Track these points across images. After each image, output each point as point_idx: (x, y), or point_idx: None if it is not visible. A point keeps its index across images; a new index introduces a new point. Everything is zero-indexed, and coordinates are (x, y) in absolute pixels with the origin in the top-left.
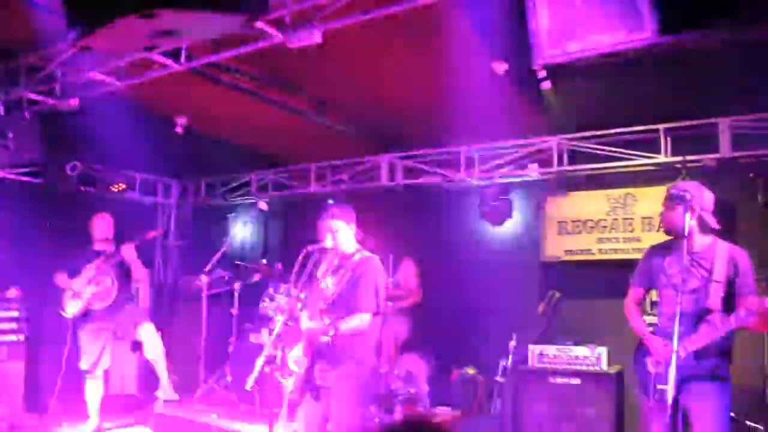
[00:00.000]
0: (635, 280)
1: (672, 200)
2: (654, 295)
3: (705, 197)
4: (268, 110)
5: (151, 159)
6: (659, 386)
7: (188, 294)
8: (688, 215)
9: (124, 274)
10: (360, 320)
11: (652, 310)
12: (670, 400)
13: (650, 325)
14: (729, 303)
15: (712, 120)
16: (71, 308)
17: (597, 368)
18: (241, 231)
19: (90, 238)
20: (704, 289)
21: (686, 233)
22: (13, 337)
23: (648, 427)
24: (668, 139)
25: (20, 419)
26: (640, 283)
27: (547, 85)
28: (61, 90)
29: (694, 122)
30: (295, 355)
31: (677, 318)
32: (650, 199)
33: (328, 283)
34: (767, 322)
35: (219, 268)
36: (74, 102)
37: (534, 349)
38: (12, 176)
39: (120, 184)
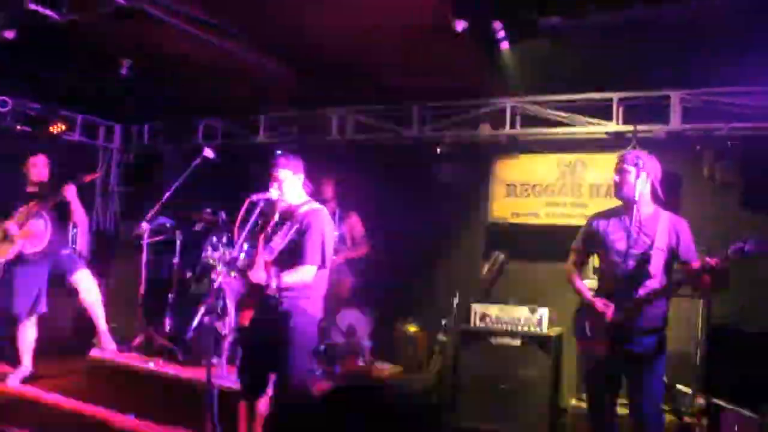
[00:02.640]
0: (577, 244)
1: (627, 165)
2: (596, 261)
3: (656, 167)
4: (219, 57)
5: (93, 100)
6: (597, 350)
7: (128, 241)
8: (640, 181)
9: (60, 217)
10: (305, 272)
11: (593, 274)
12: (608, 364)
13: (591, 289)
14: (668, 270)
15: (664, 92)
16: (2, 251)
17: (538, 330)
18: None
19: (25, 180)
20: (646, 255)
21: (636, 199)
22: None
23: (586, 389)
24: (621, 107)
25: None
26: (582, 247)
27: (505, 45)
28: None
29: (647, 93)
30: (239, 306)
31: (618, 282)
32: (600, 166)
33: (275, 235)
34: (707, 280)
35: (161, 215)
36: (9, 34)
37: (476, 309)
38: None
39: (59, 125)
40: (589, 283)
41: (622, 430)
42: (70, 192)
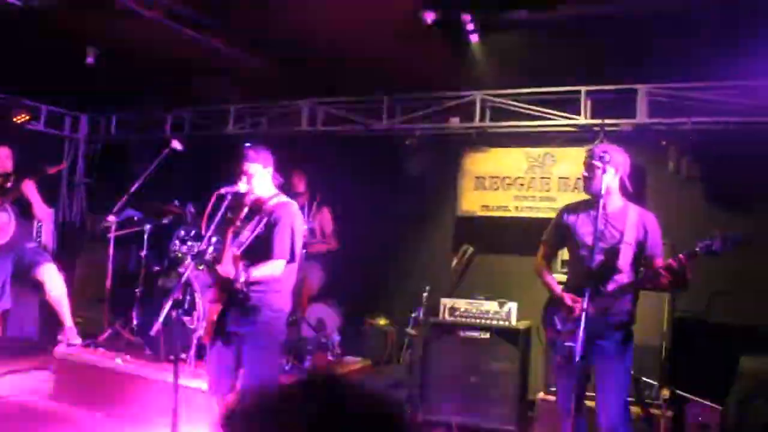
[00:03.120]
0: (547, 238)
1: (595, 159)
2: (565, 254)
3: (625, 161)
4: (189, 46)
5: (58, 90)
6: (567, 344)
7: (94, 234)
8: (608, 176)
9: (24, 210)
10: (274, 267)
11: (562, 268)
12: (578, 357)
13: (560, 283)
14: (637, 264)
15: (631, 86)
16: None
17: (506, 323)
18: (153, 170)
19: None
20: (615, 249)
21: (603, 193)
22: None
23: (556, 383)
24: (588, 101)
25: None
26: (551, 240)
27: (475, 38)
28: None
29: (614, 86)
30: (207, 300)
31: (587, 276)
32: (568, 160)
33: (243, 228)
34: (671, 280)
35: (128, 208)
36: None
37: (445, 303)
38: None
39: (23, 115)
40: (558, 277)
41: (589, 421)
42: (29, 188)
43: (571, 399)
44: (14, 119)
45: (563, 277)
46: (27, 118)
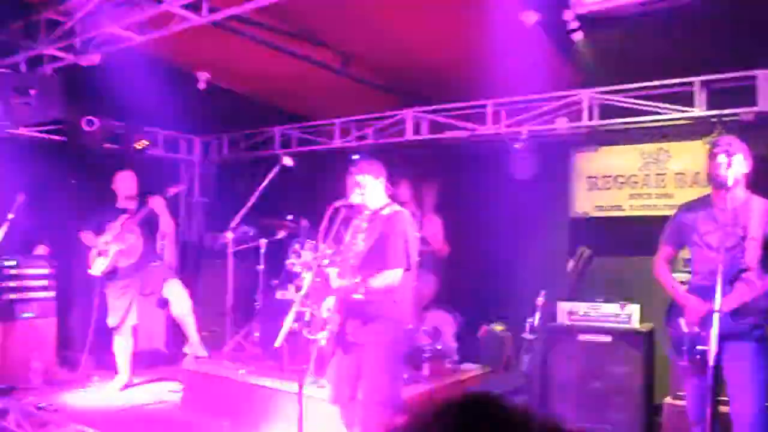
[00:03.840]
0: (666, 239)
1: (720, 151)
2: (685, 253)
3: (747, 152)
4: (291, 64)
5: (173, 115)
6: (699, 347)
7: (213, 251)
8: (734, 167)
9: (149, 231)
10: (391, 276)
11: (684, 267)
12: (711, 361)
13: (682, 283)
14: (766, 261)
15: (751, 72)
16: (98, 266)
17: (628, 326)
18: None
19: (114, 196)
20: (740, 246)
21: (730, 186)
22: (44, 294)
23: (683, 387)
24: (703, 92)
25: (54, 373)
26: (671, 241)
27: (578, 36)
28: (81, 45)
29: (731, 74)
30: (328, 311)
31: (719, 276)
32: (684, 155)
33: (358, 239)
34: None
35: (244, 224)
36: (95, 58)
37: (563, 307)
38: (36, 134)
39: (143, 141)
40: (679, 276)
41: (723, 427)
42: (158, 203)
43: (702, 404)
44: (134, 145)
45: (684, 276)
46: (146, 143)
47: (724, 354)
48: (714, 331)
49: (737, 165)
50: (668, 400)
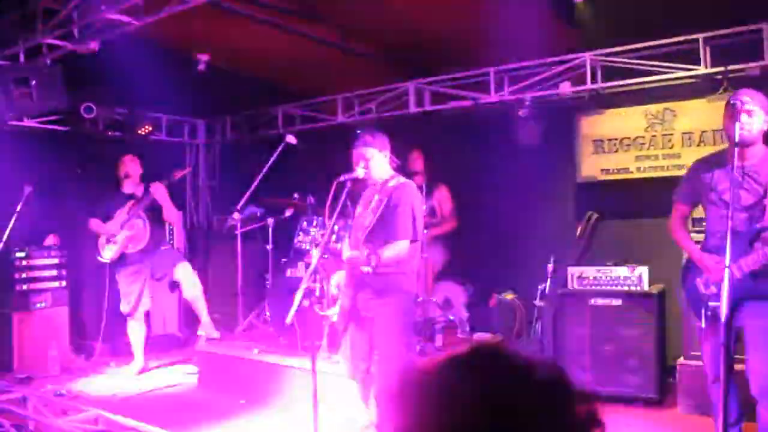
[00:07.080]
0: (680, 197)
1: (739, 106)
2: (696, 212)
3: (765, 105)
4: (291, 42)
5: (175, 99)
6: (711, 303)
7: (222, 233)
8: (756, 122)
9: (156, 215)
10: (399, 247)
11: (694, 227)
12: (723, 319)
13: (696, 242)
14: None
15: (755, 26)
16: (107, 253)
17: (638, 288)
18: (271, 167)
19: (119, 183)
20: (759, 205)
21: (750, 141)
22: (55, 284)
23: (698, 348)
24: (708, 48)
25: (70, 361)
26: (685, 199)
27: None
28: (79, 33)
29: (736, 29)
30: (338, 286)
31: (728, 236)
32: (691, 114)
33: (365, 213)
34: None
35: (251, 205)
36: (94, 45)
37: (573, 272)
38: (38, 125)
39: (146, 127)
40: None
41: (738, 385)
42: (159, 192)
43: (719, 363)
44: (138, 131)
45: (698, 236)
46: (150, 128)
47: (744, 313)
48: (725, 289)
49: (759, 119)
50: (681, 360)
